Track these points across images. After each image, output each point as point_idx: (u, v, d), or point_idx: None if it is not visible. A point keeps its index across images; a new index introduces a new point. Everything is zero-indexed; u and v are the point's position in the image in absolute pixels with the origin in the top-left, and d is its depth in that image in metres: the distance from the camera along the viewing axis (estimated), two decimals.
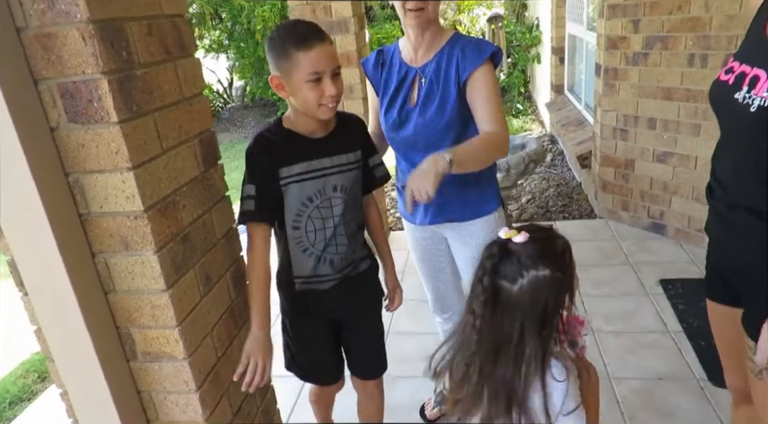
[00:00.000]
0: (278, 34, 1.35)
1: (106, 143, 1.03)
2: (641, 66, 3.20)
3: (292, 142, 1.42)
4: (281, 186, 1.42)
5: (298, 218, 1.46)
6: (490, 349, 1.03)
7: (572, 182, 4.60)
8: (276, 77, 1.36)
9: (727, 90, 1.10)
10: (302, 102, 1.36)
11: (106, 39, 0.97)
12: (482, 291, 1.03)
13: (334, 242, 1.51)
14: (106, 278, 1.17)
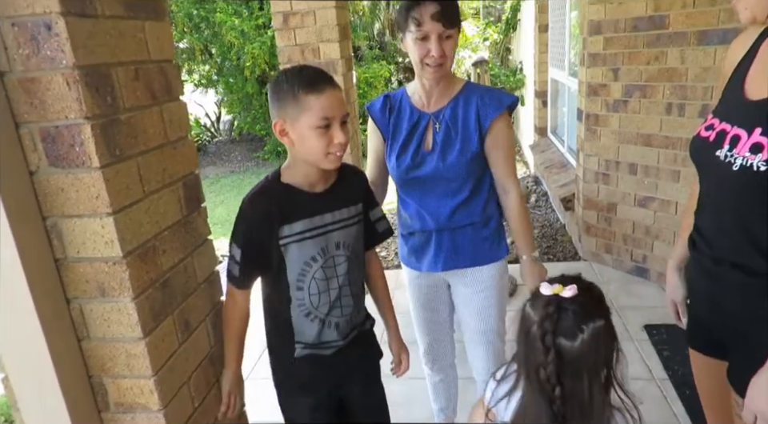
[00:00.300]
0: (284, 76, 1.26)
1: (87, 188, 1.02)
2: (621, 113, 3.28)
3: (292, 198, 1.32)
4: (280, 246, 1.31)
5: (301, 278, 1.34)
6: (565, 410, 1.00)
7: (556, 224, 4.64)
8: (280, 122, 1.27)
9: (708, 146, 1.11)
10: (307, 150, 1.27)
11: (90, 84, 0.97)
12: (544, 352, 0.97)
13: (339, 304, 1.40)
14: (80, 325, 1.13)
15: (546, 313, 0.99)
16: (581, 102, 3.62)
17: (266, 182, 1.33)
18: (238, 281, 1.33)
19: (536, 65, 6.39)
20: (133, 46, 1.10)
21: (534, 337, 1.00)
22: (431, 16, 1.49)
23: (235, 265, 1.31)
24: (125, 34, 1.07)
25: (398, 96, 1.74)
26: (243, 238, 1.30)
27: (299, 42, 3.11)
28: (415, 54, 1.56)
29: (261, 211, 1.28)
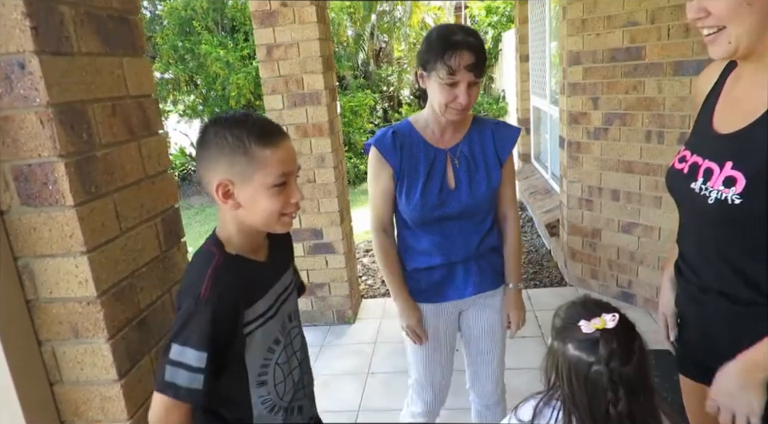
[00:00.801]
0: (227, 127, 1.01)
1: (60, 226, 0.99)
2: (602, 141, 3.33)
3: (248, 273, 1.07)
4: (244, 336, 1.04)
5: (263, 370, 1.10)
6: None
7: (542, 249, 4.65)
8: (225, 183, 1.01)
9: (683, 178, 1.12)
10: (259, 213, 1.04)
11: (65, 122, 0.95)
12: (614, 390, 0.95)
13: (302, 384, 1.22)
14: (52, 368, 1.09)
15: (609, 351, 0.95)
16: (562, 130, 3.67)
17: (216, 259, 1.03)
18: (201, 395, 0.97)
19: (518, 93, 6.50)
20: (110, 82, 1.09)
21: (596, 378, 0.96)
22: (466, 66, 1.46)
23: (195, 374, 0.96)
24: (102, 70, 1.06)
25: (406, 131, 1.65)
26: (207, 339, 0.96)
27: (283, 73, 3.13)
28: (441, 97, 1.51)
29: (226, 298, 1.00)
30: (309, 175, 3.28)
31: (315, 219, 3.36)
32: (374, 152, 1.64)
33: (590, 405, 0.98)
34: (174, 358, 0.96)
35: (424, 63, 1.53)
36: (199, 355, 0.95)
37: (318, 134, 3.21)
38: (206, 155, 1.02)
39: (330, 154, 3.24)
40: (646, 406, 0.99)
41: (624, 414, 0.95)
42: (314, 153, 3.24)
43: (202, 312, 0.96)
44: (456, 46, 1.45)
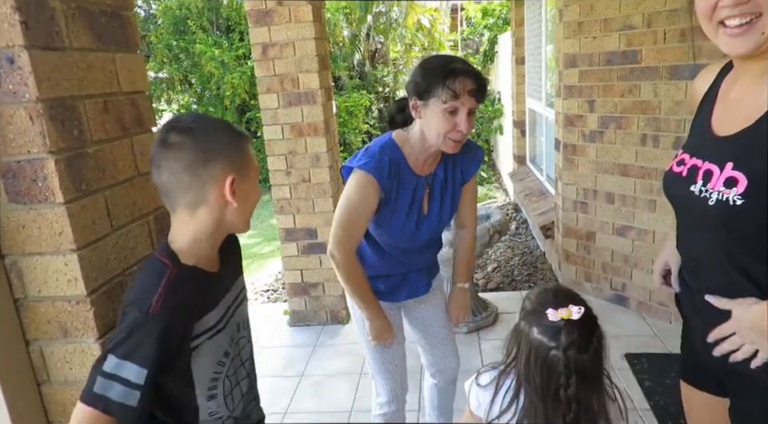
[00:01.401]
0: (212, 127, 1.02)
1: (49, 224, 0.98)
2: (597, 143, 3.33)
3: (202, 285, 1.03)
4: (191, 350, 0.99)
5: (213, 383, 1.06)
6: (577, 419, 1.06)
7: (536, 251, 4.66)
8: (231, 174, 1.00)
9: (682, 182, 1.10)
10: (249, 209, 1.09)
11: (55, 118, 0.94)
12: (567, 375, 1.02)
13: (252, 395, 1.21)
14: (40, 368, 1.08)
15: (569, 341, 1.03)
16: (558, 132, 3.67)
17: (170, 271, 0.97)
18: (136, 412, 0.91)
19: (514, 95, 6.50)
20: (102, 78, 1.08)
21: (553, 362, 1.03)
22: (469, 91, 1.45)
23: (131, 390, 0.90)
24: (94, 66, 1.05)
25: (396, 158, 1.59)
26: (152, 355, 0.91)
27: (278, 73, 3.12)
28: (440, 126, 1.48)
29: (177, 313, 0.95)
30: (304, 175, 3.26)
31: (310, 219, 3.35)
32: (368, 178, 1.53)
33: (542, 385, 1.06)
34: (108, 370, 0.90)
35: (421, 91, 1.48)
36: (140, 371, 0.90)
37: (314, 134, 3.19)
38: (204, 148, 0.97)
39: (325, 153, 3.22)
40: (593, 391, 1.07)
41: (572, 397, 1.03)
42: (309, 152, 3.23)
43: (151, 327, 0.91)
44: (457, 71, 1.44)
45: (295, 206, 3.34)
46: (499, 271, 4.35)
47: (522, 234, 5.16)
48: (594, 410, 1.07)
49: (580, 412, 1.05)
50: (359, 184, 1.54)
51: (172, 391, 1.01)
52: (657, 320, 3.20)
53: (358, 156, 1.59)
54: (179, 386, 1.02)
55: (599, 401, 1.09)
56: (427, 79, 1.47)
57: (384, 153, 1.56)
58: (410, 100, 1.53)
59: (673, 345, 2.93)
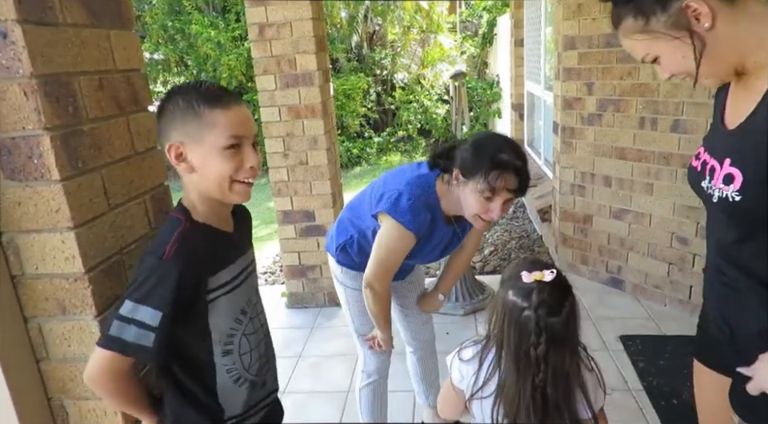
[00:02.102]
0: (179, 93, 1.02)
1: (46, 201, 0.98)
2: (596, 126, 3.32)
3: (215, 241, 1.07)
4: (207, 303, 1.04)
5: (229, 339, 1.10)
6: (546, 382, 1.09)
7: (533, 235, 4.67)
8: (176, 145, 1.01)
9: (696, 176, 1.12)
10: (211, 177, 1.03)
11: (50, 94, 0.93)
12: (537, 334, 1.06)
13: (267, 356, 1.23)
14: (38, 345, 1.08)
15: (540, 299, 1.07)
16: (556, 115, 3.66)
17: (183, 225, 1.03)
18: (152, 353, 0.97)
19: (512, 78, 6.47)
20: (97, 55, 1.07)
21: (525, 322, 1.07)
22: (508, 188, 1.48)
23: (145, 332, 0.96)
24: (88, 42, 1.04)
25: (435, 213, 1.64)
26: (165, 298, 0.96)
27: (275, 54, 3.09)
28: (475, 207, 1.52)
29: (189, 261, 0.99)
30: (301, 157, 3.25)
31: (307, 201, 3.35)
32: (405, 232, 1.59)
33: (515, 347, 1.09)
34: (124, 313, 0.96)
35: (466, 169, 1.50)
36: (154, 313, 0.95)
37: (311, 116, 3.18)
38: (161, 123, 1.03)
39: (322, 135, 3.21)
40: (565, 355, 1.09)
41: (542, 357, 1.06)
42: (307, 134, 3.21)
43: (164, 271, 0.96)
44: (504, 166, 1.45)
45: (293, 189, 3.33)
46: (496, 254, 4.37)
47: (520, 217, 5.17)
48: (566, 374, 1.10)
49: (548, 373, 1.08)
50: (400, 235, 1.61)
51: (191, 347, 1.07)
52: (651, 303, 3.23)
53: (399, 202, 1.58)
54: (197, 341, 1.07)
55: (572, 366, 1.11)
56: (474, 161, 1.49)
57: (427, 209, 1.61)
58: (455, 168, 1.55)
59: (667, 327, 2.97)
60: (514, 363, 1.11)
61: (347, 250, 1.83)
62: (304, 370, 2.86)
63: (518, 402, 1.11)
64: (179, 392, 1.09)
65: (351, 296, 1.91)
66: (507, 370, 1.13)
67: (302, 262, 3.47)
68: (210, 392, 1.10)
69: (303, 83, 3.12)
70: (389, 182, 1.68)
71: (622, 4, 1.03)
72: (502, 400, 1.14)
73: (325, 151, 3.24)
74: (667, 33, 0.97)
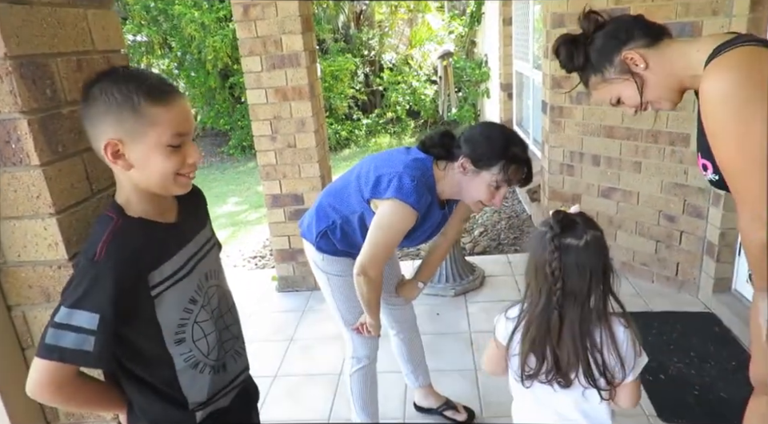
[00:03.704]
0: (114, 83, 0.93)
1: (26, 187, 0.95)
2: (584, 105, 3.31)
3: (152, 235, 1.01)
4: (152, 297, 0.99)
5: (180, 329, 1.05)
6: (569, 302, 1.15)
7: (522, 215, 4.69)
8: (114, 142, 0.92)
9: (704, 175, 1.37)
10: (153, 175, 0.97)
11: (26, 76, 0.90)
12: (552, 250, 1.12)
13: (228, 337, 1.19)
14: (23, 333, 1.07)
15: (556, 220, 1.15)
16: (545, 94, 3.64)
17: (114, 222, 0.97)
18: (94, 358, 0.92)
19: (501, 58, 6.43)
20: (74, 35, 1.03)
21: (545, 242, 1.14)
22: (518, 179, 1.60)
23: (85, 336, 0.91)
24: (64, 22, 1.01)
25: (431, 197, 1.66)
26: (101, 300, 0.91)
27: (260, 34, 3.03)
28: (480, 194, 1.61)
29: (123, 260, 0.94)
30: (289, 140, 3.22)
31: (296, 184, 3.32)
32: (413, 214, 1.61)
33: (537, 268, 1.17)
34: (59, 320, 0.91)
35: (480, 160, 1.58)
36: (91, 317, 0.90)
37: (298, 98, 3.14)
38: (92, 112, 0.93)
39: (310, 118, 3.18)
40: (588, 288, 1.14)
41: (557, 274, 1.12)
42: (294, 117, 3.18)
43: (97, 273, 0.91)
44: (517, 158, 1.57)
45: (281, 172, 3.31)
46: (486, 235, 4.39)
47: (509, 198, 5.18)
48: (584, 306, 1.15)
49: (568, 299, 1.14)
50: (403, 214, 1.61)
51: (140, 343, 1.01)
52: (639, 280, 3.27)
53: (402, 184, 1.59)
54: (146, 336, 1.01)
55: (590, 299, 1.15)
56: (489, 154, 1.57)
57: (427, 190, 1.63)
58: (461, 157, 1.60)
59: (654, 303, 3.00)
60: (536, 289, 1.18)
61: (329, 237, 1.80)
62: (296, 353, 2.87)
63: (537, 324, 1.18)
64: (138, 384, 1.05)
65: (335, 283, 1.88)
66: (532, 301, 1.20)
67: (292, 245, 3.46)
68: (170, 381, 1.06)
69: (290, 64, 3.07)
70: (380, 167, 1.66)
71: (583, 69, 1.38)
72: (525, 326, 1.21)
73: (313, 133, 3.21)
74: (619, 77, 1.33)
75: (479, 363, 2.62)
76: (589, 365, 1.18)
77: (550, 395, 1.25)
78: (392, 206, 1.60)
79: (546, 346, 1.18)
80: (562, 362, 1.18)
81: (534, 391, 1.26)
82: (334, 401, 2.45)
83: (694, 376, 2.37)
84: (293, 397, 2.51)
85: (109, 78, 0.94)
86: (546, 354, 1.19)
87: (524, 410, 1.35)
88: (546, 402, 1.28)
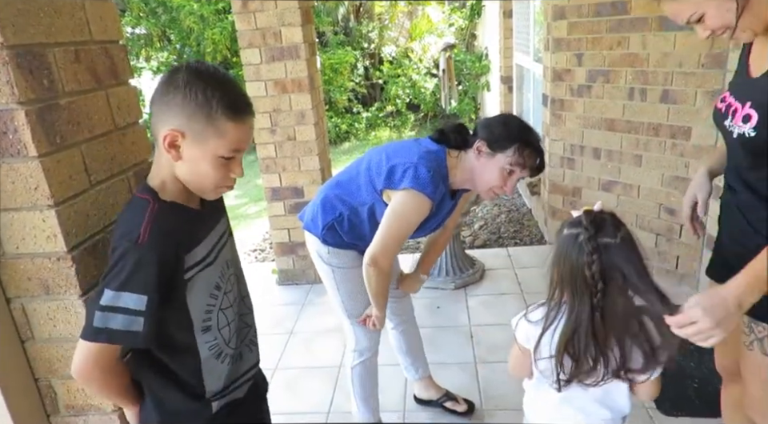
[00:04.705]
0: (200, 83, 0.95)
1: (24, 179, 0.95)
2: (585, 98, 3.30)
3: (185, 219, 1.04)
4: (185, 281, 1.01)
5: (207, 315, 1.07)
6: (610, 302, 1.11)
7: (523, 208, 4.68)
8: (174, 134, 0.96)
9: (720, 116, 1.29)
10: (197, 176, 1.01)
11: (23, 66, 0.89)
12: (590, 253, 1.08)
13: (245, 324, 1.22)
14: (23, 326, 1.07)
15: (588, 220, 1.11)
16: (546, 87, 3.63)
17: (152, 205, 0.99)
18: (142, 337, 0.95)
19: (501, 50, 6.39)
20: (71, 25, 1.02)
21: (580, 245, 1.10)
22: (531, 166, 1.62)
23: (133, 317, 0.93)
24: (62, 12, 0.99)
25: (446, 182, 1.68)
26: (148, 282, 0.94)
27: (260, 26, 3.02)
28: (493, 179, 1.62)
29: (166, 242, 0.97)
30: (289, 132, 3.21)
31: (296, 177, 3.32)
32: (428, 203, 1.61)
33: (572, 273, 1.11)
34: (105, 303, 0.92)
35: (494, 142, 1.60)
36: (139, 298, 0.93)
37: (298, 90, 3.12)
38: (168, 99, 0.96)
39: (310, 110, 3.16)
40: (625, 286, 1.10)
41: (598, 276, 1.08)
42: (294, 109, 3.16)
43: (142, 255, 0.93)
44: (533, 145, 1.60)
45: (281, 165, 3.30)
46: (486, 228, 4.38)
47: None
48: (624, 304, 1.11)
49: (608, 299, 1.10)
50: (419, 205, 1.61)
51: (170, 327, 1.03)
52: None
53: (418, 174, 1.58)
54: (176, 320, 1.03)
55: (628, 297, 1.11)
56: (506, 137, 1.59)
57: (441, 181, 1.64)
58: (477, 141, 1.62)
59: None
60: (571, 294, 1.13)
61: (336, 229, 1.79)
62: (296, 346, 2.87)
63: (575, 328, 1.13)
64: (160, 373, 1.06)
65: (339, 276, 1.86)
66: (568, 307, 1.15)
67: (292, 238, 3.46)
68: (193, 370, 1.08)
69: (289, 57, 3.06)
70: (393, 157, 1.66)
71: None
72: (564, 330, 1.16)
73: (313, 126, 3.20)
74: None
75: (479, 356, 2.62)
76: (629, 362, 1.15)
77: (579, 393, 1.23)
78: (408, 196, 1.59)
79: (588, 349, 1.14)
80: (610, 362, 1.15)
81: (564, 391, 1.22)
82: (334, 394, 2.45)
83: (693, 368, 2.37)
84: (293, 390, 2.51)
85: (197, 74, 0.96)
86: (587, 357, 1.15)
87: (544, 408, 1.32)
88: (572, 401, 1.25)
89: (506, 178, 1.61)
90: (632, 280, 1.09)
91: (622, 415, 1.28)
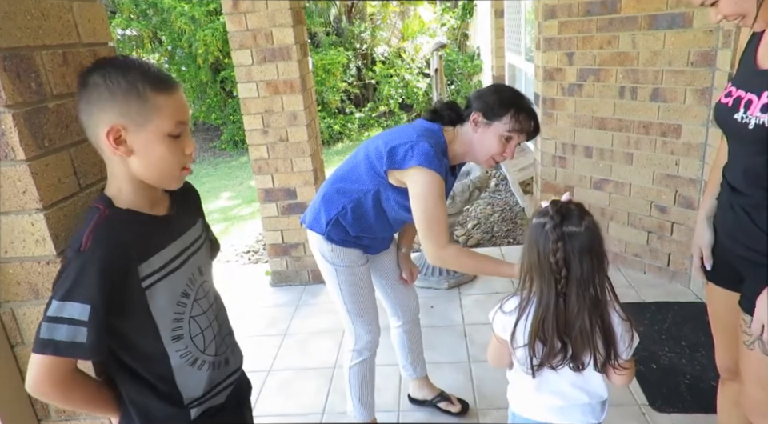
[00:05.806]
0: (118, 70, 0.93)
1: (12, 182, 0.94)
2: (576, 97, 3.32)
3: (142, 227, 1.00)
4: (143, 290, 0.98)
5: (177, 324, 1.05)
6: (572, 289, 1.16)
7: (515, 208, 4.70)
8: (117, 127, 0.92)
9: (728, 111, 1.27)
10: (154, 163, 0.98)
11: (10, 70, 0.89)
12: (555, 240, 1.14)
13: (222, 333, 1.18)
14: (12, 330, 1.06)
15: (555, 210, 1.17)
16: (537, 87, 3.64)
17: (100, 213, 0.96)
18: (87, 349, 0.91)
19: (493, 50, 6.42)
20: (59, 27, 1.02)
21: (546, 233, 1.16)
22: (527, 130, 1.66)
23: (77, 327, 0.90)
24: (49, 14, 0.99)
25: (446, 157, 1.69)
26: (90, 290, 0.90)
27: (251, 27, 3.01)
28: (493, 147, 1.66)
29: (110, 249, 0.93)
30: (281, 134, 3.20)
31: (289, 179, 3.31)
32: (439, 178, 1.60)
33: (540, 259, 1.17)
34: (51, 314, 0.90)
35: (489, 111, 1.64)
36: (82, 307, 0.89)
37: (290, 91, 3.12)
38: (92, 99, 0.93)
39: (302, 111, 3.16)
40: (589, 273, 1.15)
41: (562, 262, 1.14)
42: (286, 110, 3.16)
43: (83, 263, 0.90)
44: (527, 110, 1.65)
45: (273, 166, 3.29)
46: (479, 228, 4.39)
47: (502, 190, 5.19)
48: (591, 294, 1.16)
49: (571, 281, 1.15)
50: (433, 180, 1.60)
51: (137, 340, 1.01)
52: (631, 271, 3.29)
53: (422, 151, 1.59)
54: (142, 330, 1.01)
55: (590, 285, 1.16)
56: (500, 104, 1.64)
57: (442, 155, 1.66)
58: (473, 113, 1.67)
59: (646, 294, 3.02)
60: (539, 281, 1.19)
61: (341, 223, 1.79)
62: (290, 347, 2.87)
63: (545, 314, 1.19)
64: (135, 380, 1.04)
65: (342, 274, 1.86)
66: (537, 295, 1.21)
67: (285, 240, 3.45)
68: (165, 378, 1.05)
69: (281, 58, 3.05)
70: (391, 140, 1.66)
71: None
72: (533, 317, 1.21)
73: (305, 127, 3.19)
74: None
75: (473, 355, 2.63)
76: (597, 347, 1.20)
77: (554, 378, 1.27)
78: (419, 174, 1.60)
79: (555, 333, 1.19)
80: (575, 347, 1.20)
81: (538, 376, 1.27)
82: (329, 395, 2.45)
83: (685, 365, 2.39)
84: (287, 391, 2.51)
85: (111, 65, 0.94)
86: (555, 342, 1.20)
87: (524, 395, 1.36)
88: (548, 385, 1.30)
89: (504, 145, 1.65)
90: (593, 268, 1.15)
91: (599, 400, 1.32)
